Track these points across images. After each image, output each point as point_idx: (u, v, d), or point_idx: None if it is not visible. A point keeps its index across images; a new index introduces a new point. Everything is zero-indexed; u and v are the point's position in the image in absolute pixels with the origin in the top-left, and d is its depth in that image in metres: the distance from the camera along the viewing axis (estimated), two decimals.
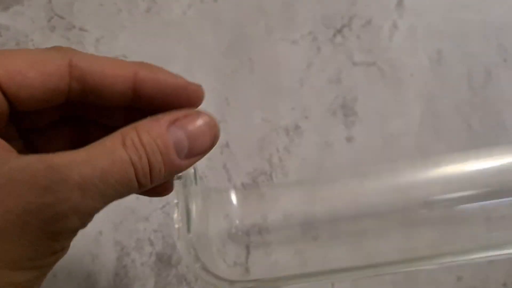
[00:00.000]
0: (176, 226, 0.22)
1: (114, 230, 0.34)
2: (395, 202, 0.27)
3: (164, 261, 0.34)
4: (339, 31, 0.36)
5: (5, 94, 0.15)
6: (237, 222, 0.27)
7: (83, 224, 0.16)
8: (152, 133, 0.16)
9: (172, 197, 0.22)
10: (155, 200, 0.33)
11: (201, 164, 0.20)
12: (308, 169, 0.33)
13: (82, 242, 0.34)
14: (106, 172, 0.14)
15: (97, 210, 0.15)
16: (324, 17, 0.36)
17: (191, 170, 0.21)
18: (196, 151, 0.17)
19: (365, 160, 0.33)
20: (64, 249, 0.16)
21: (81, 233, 0.16)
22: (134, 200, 0.34)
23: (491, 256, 0.25)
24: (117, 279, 0.34)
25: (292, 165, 0.33)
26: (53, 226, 0.14)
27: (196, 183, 0.22)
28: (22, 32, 0.36)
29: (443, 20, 0.36)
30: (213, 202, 0.28)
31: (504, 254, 0.24)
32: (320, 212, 0.27)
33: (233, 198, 0.28)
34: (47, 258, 0.15)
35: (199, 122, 0.17)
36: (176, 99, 0.17)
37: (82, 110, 0.18)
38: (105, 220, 0.34)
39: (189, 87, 0.17)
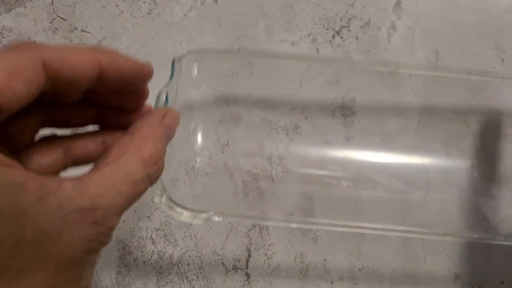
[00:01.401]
0: None
1: (117, 229, 0.34)
2: None
3: (166, 259, 0.34)
4: (338, 32, 0.36)
5: None
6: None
7: None
8: (156, 143, 0.19)
9: None
10: None
11: (202, 162, 0.20)
12: (307, 167, 0.33)
13: None
14: (130, 196, 0.18)
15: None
16: (323, 19, 0.36)
17: None
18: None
19: (363, 159, 0.34)
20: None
21: None
22: None
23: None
24: (119, 277, 0.34)
25: (291, 163, 0.33)
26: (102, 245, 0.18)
27: None
28: (24, 34, 0.36)
29: (440, 21, 0.37)
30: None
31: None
32: None
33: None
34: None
35: (175, 118, 0.21)
36: (133, 79, 0.19)
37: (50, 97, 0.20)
38: None
39: (144, 68, 0.19)
